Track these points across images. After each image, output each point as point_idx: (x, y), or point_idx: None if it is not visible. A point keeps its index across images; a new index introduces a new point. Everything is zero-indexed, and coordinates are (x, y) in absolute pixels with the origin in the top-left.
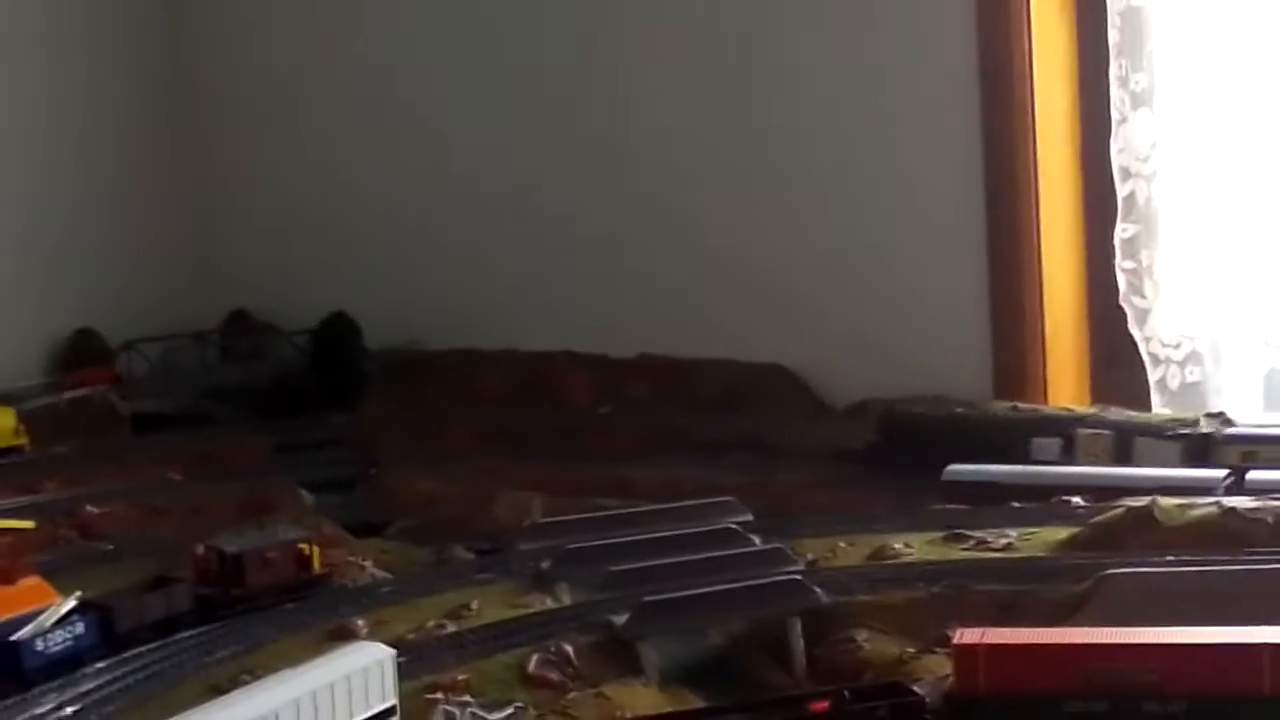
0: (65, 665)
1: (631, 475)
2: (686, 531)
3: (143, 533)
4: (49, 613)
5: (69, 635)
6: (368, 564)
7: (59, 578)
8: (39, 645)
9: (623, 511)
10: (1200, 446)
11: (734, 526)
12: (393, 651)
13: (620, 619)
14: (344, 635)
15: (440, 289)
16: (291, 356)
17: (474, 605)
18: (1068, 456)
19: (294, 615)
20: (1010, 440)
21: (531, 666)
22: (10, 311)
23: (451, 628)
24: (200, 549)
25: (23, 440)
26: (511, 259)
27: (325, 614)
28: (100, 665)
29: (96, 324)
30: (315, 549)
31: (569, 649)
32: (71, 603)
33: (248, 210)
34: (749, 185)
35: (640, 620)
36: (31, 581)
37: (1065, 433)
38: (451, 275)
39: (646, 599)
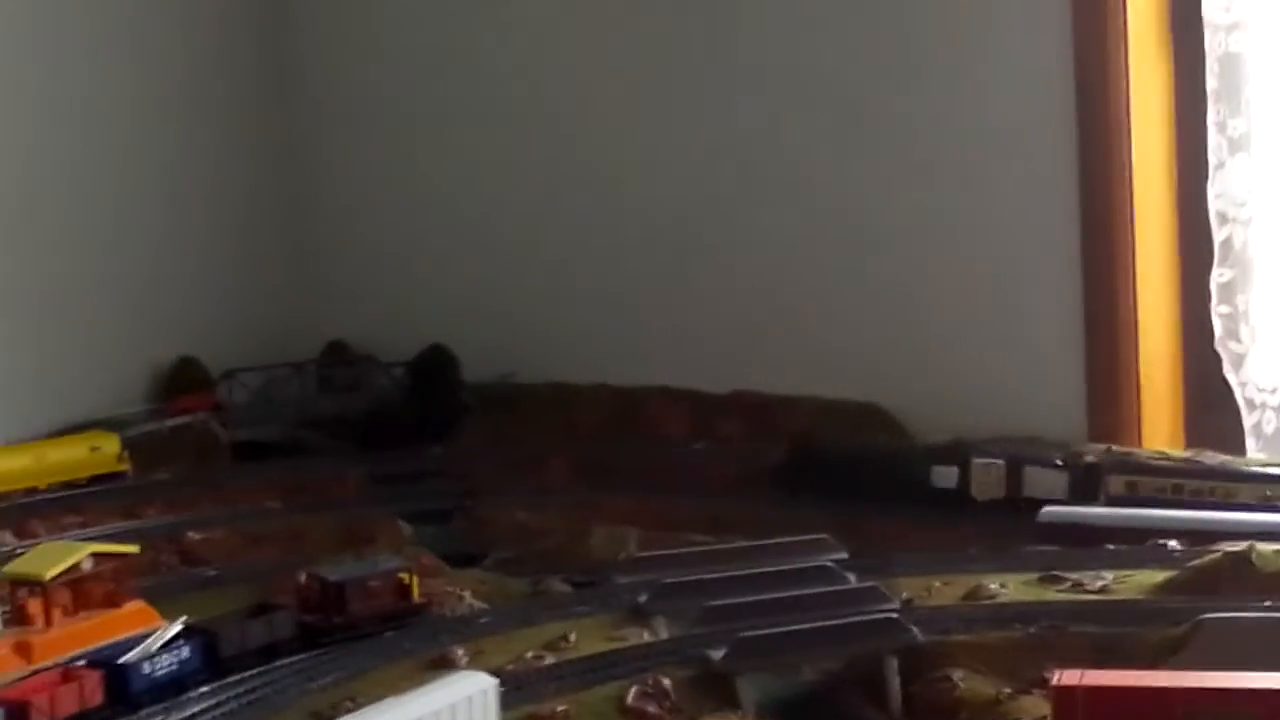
0: (170, 689)
1: (724, 510)
2: (782, 568)
3: (242, 559)
4: (154, 637)
5: (174, 659)
6: (466, 594)
7: (161, 602)
8: (145, 669)
9: (718, 547)
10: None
11: (829, 564)
12: (495, 681)
13: (717, 654)
14: (444, 664)
15: (536, 323)
16: (389, 388)
17: (571, 637)
18: (964, 483)
19: (394, 644)
20: (910, 469)
21: (630, 699)
22: (115, 339)
23: (550, 659)
24: (303, 577)
25: (126, 466)
26: (606, 295)
27: (425, 643)
28: (204, 690)
29: (198, 353)
30: (415, 578)
31: (666, 682)
32: (177, 627)
33: (347, 243)
34: (843, 226)
35: (737, 655)
36: (135, 606)
37: (959, 461)
38: (547, 309)
39: (743, 634)
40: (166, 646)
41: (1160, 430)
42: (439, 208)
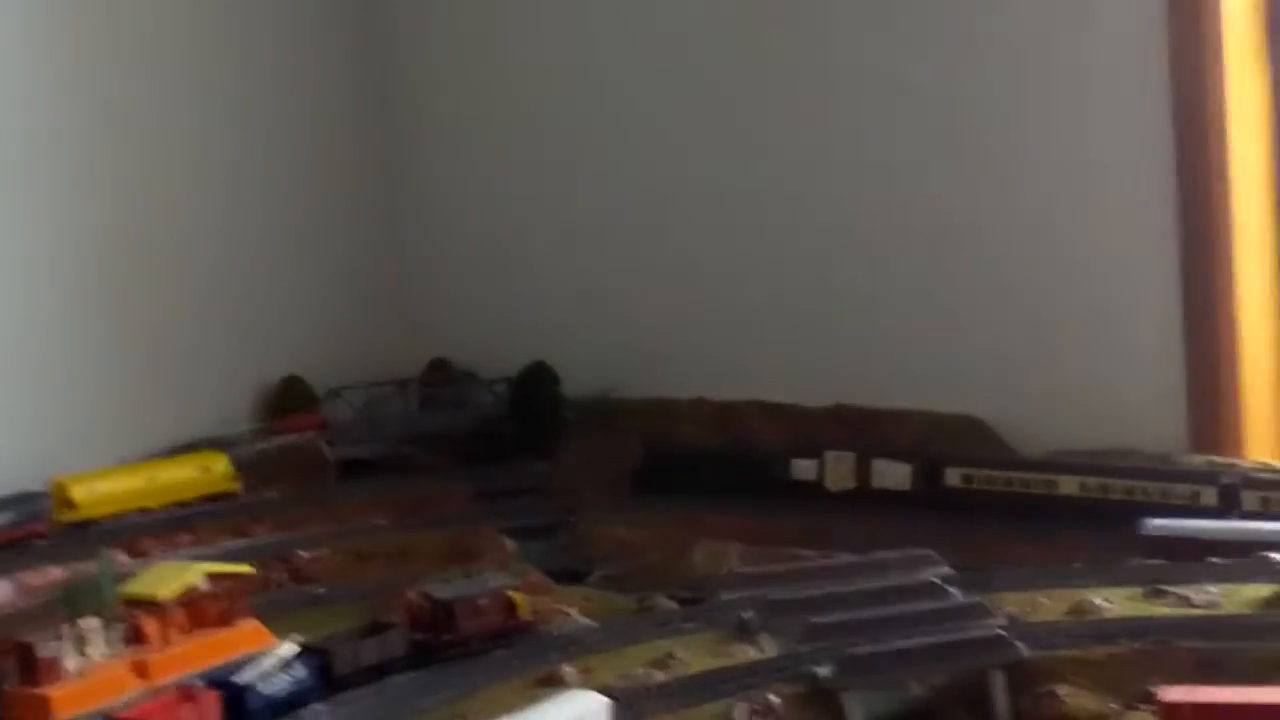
0: (285, 708)
1: (826, 525)
2: (886, 584)
3: (350, 577)
4: (270, 656)
5: (289, 678)
6: (573, 611)
7: (272, 620)
8: (262, 688)
9: (823, 563)
10: None
11: (934, 580)
12: (608, 700)
13: (824, 670)
14: (552, 682)
15: (637, 338)
16: (491, 404)
17: (678, 654)
18: (820, 475)
19: (504, 661)
20: (767, 463)
21: (738, 715)
22: (223, 359)
23: (658, 676)
24: (413, 595)
25: (235, 485)
26: (706, 309)
27: (534, 660)
28: (318, 708)
29: (304, 371)
30: (523, 596)
31: (774, 699)
32: (291, 646)
33: (449, 261)
34: (942, 237)
35: (844, 672)
36: (249, 625)
37: (816, 454)
38: (648, 324)
39: (850, 651)
40: (282, 665)
41: (1263, 441)
42: (539, 225)
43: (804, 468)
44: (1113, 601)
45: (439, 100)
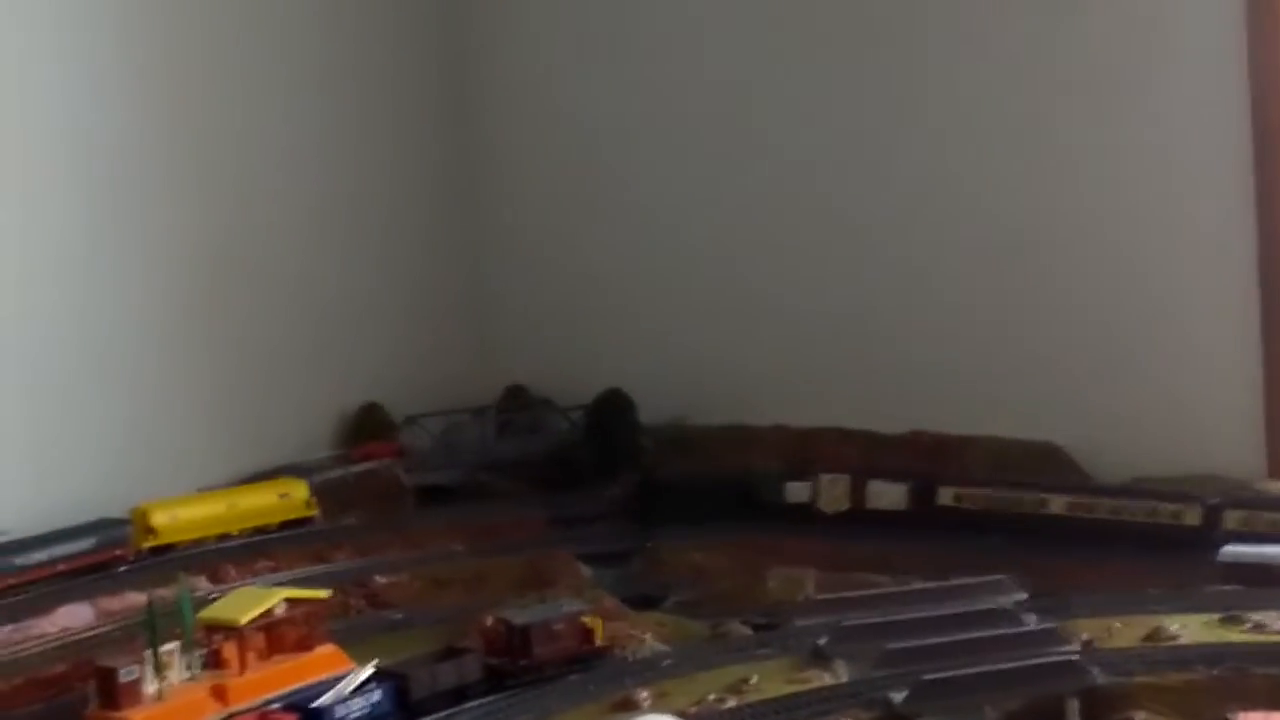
0: None
1: (897, 551)
2: (960, 611)
3: (427, 602)
4: (347, 680)
5: (367, 703)
6: (647, 637)
7: (350, 645)
8: (339, 712)
9: (896, 590)
10: None
11: (1008, 606)
12: None
13: (899, 696)
14: (628, 707)
15: (713, 366)
16: (567, 431)
17: (753, 680)
18: (814, 497)
19: (579, 686)
20: (763, 487)
21: None
22: (303, 387)
23: (732, 702)
24: (489, 620)
25: (314, 511)
26: (780, 337)
27: (609, 685)
28: None
29: (382, 399)
30: (598, 621)
31: None
32: (368, 671)
33: (527, 290)
34: (1020, 265)
35: (919, 698)
36: (327, 649)
37: (811, 477)
38: (724, 352)
39: (925, 677)
40: (359, 690)
41: None
42: (616, 256)
43: (796, 490)
44: (1188, 627)
45: (520, 136)
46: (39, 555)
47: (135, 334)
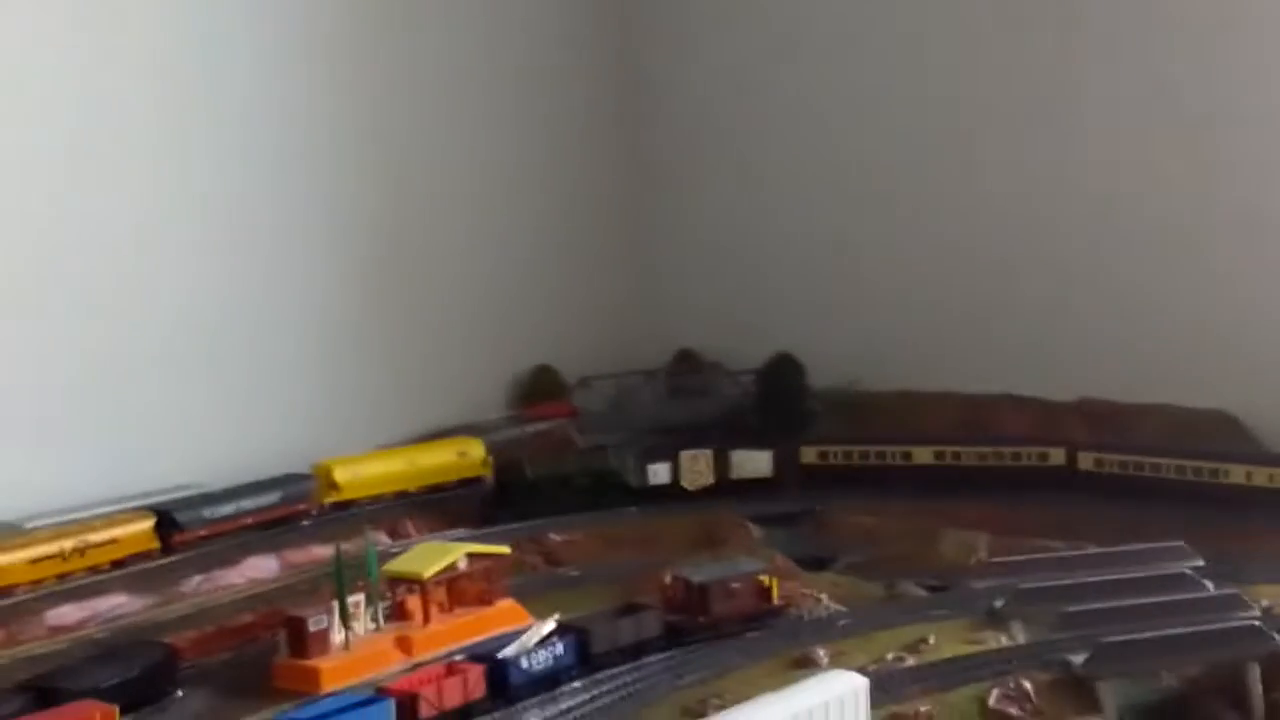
0: (545, 683)
1: (1070, 515)
2: (1138, 575)
3: (601, 560)
4: (530, 633)
5: (550, 655)
6: (823, 596)
7: (526, 601)
8: (524, 663)
9: (1073, 553)
10: None
11: (1186, 571)
12: (866, 681)
13: (1078, 659)
14: (806, 664)
15: (884, 331)
16: (737, 395)
17: (931, 639)
18: (676, 476)
19: (757, 643)
20: (620, 473)
21: (992, 701)
22: (479, 349)
23: (910, 660)
24: (668, 578)
25: (489, 470)
26: (955, 303)
27: (787, 643)
28: (577, 685)
29: (555, 361)
30: (774, 581)
31: (1028, 686)
32: (551, 625)
33: (696, 255)
34: (1193, 236)
35: (1099, 661)
36: (507, 604)
37: (670, 457)
38: (896, 318)
39: (1104, 640)
40: (542, 643)
41: None
42: (787, 220)
43: (657, 471)
44: None
45: (690, 103)
46: (226, 508)
47: (319, 300)
